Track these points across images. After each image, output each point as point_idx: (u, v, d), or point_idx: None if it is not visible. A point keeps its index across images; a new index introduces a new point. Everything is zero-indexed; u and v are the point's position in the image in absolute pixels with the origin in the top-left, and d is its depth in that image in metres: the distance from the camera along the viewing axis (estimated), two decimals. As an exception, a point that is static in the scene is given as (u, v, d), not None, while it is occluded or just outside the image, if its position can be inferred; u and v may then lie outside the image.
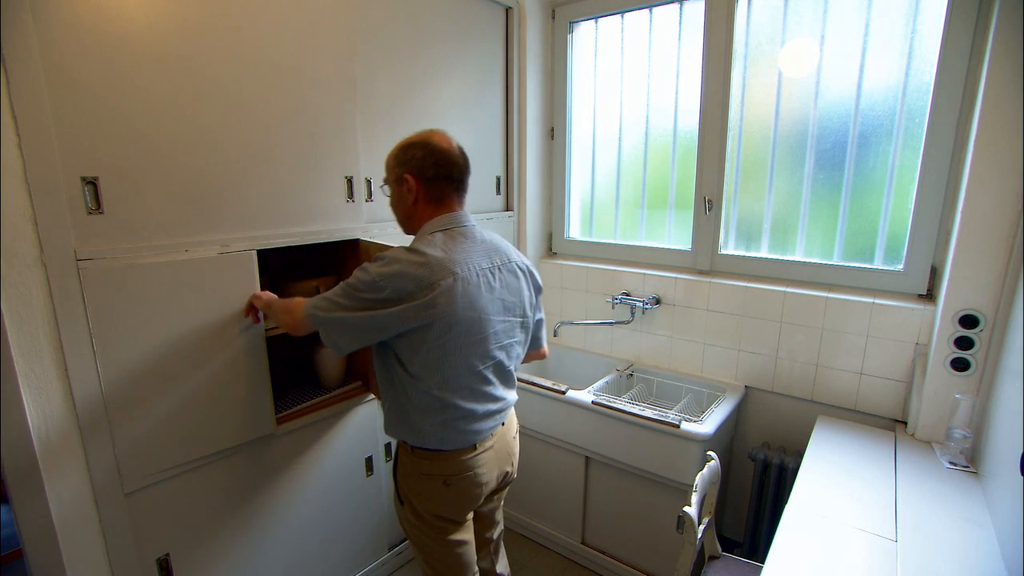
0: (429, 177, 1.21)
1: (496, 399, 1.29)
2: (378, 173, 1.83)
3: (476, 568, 1.42)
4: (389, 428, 1.31)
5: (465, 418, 1.24)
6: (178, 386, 1.40)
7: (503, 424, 1.36)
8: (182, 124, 1.34)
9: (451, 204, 1.26)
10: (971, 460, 1.56)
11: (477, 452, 1.29)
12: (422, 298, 1.11)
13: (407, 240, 1.30)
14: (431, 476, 1.27)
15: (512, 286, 1.27)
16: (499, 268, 1.25)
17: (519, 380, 2.09)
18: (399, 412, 1.26)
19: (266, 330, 1.58)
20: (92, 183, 1.21)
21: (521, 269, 1.32)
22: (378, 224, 1.86)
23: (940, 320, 1.62)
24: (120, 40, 1.22)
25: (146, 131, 1.29)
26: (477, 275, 1.19)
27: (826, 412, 1.92)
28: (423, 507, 1.30)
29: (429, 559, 1.37)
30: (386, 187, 1.31)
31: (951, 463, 1.55)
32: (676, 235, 2.29)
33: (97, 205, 1.23)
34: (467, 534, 1.38)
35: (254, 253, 1.51)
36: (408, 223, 1.30)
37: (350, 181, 1.74)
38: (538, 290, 1.38)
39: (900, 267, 1.79)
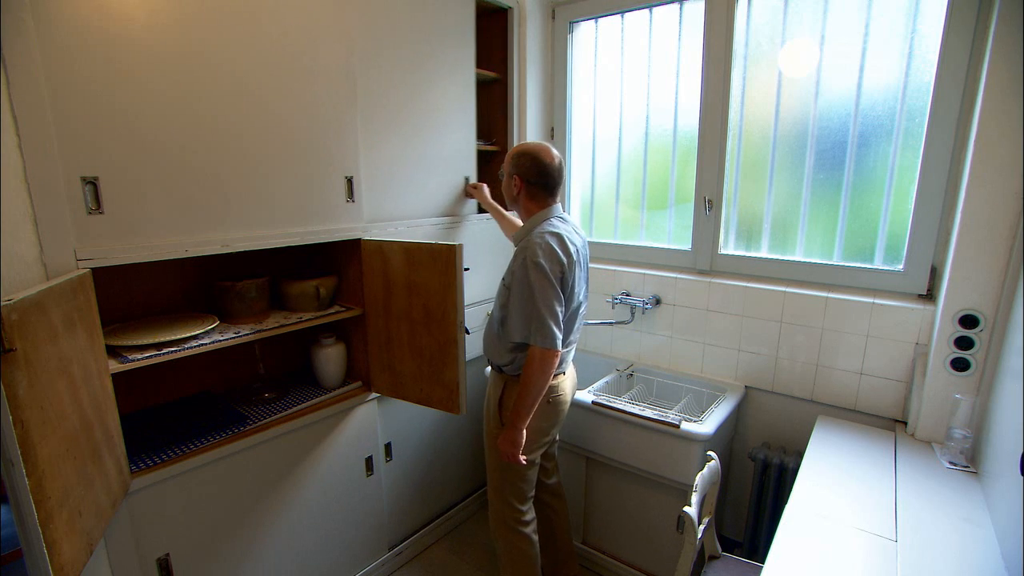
0: (531, 182, 1.63)
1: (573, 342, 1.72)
2: (378, 173, 1.84)
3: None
4: (509, 363, 1.65)
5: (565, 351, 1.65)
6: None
7: (570, 364, 1.79)
8: (182, 122, 1.34)
9: (544, 201, 1.65)
10: (971, 460, 1.56)
11: (562, 378, 1.71)
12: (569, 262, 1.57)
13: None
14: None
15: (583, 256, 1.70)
16: (582, 244, 1.70)
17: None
18: (521, 347, 1.61)
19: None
20: (92, 183, 1.21)
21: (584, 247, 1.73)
22: (378, 224, 1.86)
23: (940, 320, 1.62)
24: (120, 38, 1.22)
25: (146, 130, 1.28)
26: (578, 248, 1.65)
27: (826, 412, 1.92)
28: (532, 424, 1.62)
29: (510, 476, 1.69)
30: (503, 174, 1.70)
31: (951, 463, 1.55)
32: (676, 235, 2.29)
33: (97, 205, 1.23)
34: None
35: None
36: (512, 205, 1.72)
37: (350, 181, 1.73)
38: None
39: (900, 267, 1.79)
